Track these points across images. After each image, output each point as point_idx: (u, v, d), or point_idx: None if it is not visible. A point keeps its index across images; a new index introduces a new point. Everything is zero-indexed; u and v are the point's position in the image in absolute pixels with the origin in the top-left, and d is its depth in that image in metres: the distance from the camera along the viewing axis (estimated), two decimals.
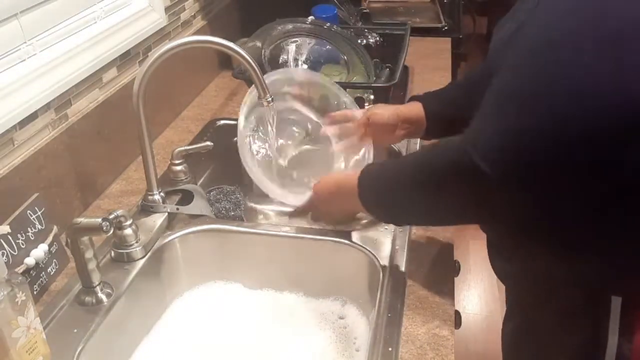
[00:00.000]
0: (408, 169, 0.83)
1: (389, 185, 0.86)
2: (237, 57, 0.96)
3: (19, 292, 0.70)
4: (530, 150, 0.65)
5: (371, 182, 0.88)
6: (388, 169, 0.88)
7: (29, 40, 0.97)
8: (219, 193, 1.23)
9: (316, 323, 1.01)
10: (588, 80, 0.62)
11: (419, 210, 0.85)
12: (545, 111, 0.64)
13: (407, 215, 0.88)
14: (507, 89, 0.69)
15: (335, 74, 1.39)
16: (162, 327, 1.00)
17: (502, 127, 0.67)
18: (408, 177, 0.82)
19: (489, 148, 0.68)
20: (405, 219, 0.93)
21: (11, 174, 0.91)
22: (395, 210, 0.87)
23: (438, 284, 0.92)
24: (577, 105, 0.62)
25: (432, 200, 0.79)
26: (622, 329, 0.76)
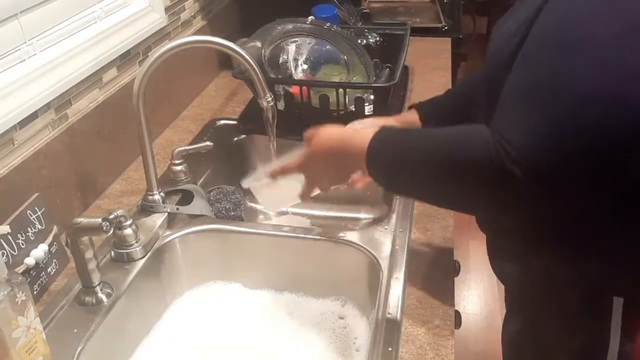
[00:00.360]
0: (429, 148, 0.77)
1: (403, 159, 0.79)
2: (237, 57, 0.96)
3: (19, 292, 0.70)
4: (570, 155, 0.63)
5: (385, 150, 0.81)
6: (405, 140, 0.81)
7: (29, 40, 0.97)
8: (219, 193, 1.23)
9: (316, 323, 1.01)
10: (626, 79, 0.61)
11: (430, 193, 0.79)
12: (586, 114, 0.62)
13: (416, 193, 0.83)
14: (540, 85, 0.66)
15: (335, 74, 1.39)
16: (162, 327, 1.00)
17: (542, 130, 0.64)
18: (427, 157, 0.76)
19: (525, 150, 0.64)
20: (411, 195, 0.90)
21: (11, 174, 0.91)
22: (404, 185, 0.81)
23: (438, 284, 0.92)
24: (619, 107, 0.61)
25: (448, 188, 0.75)
26: (624, 330, 0.76)
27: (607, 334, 0.77)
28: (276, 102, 1.14)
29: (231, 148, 1.38)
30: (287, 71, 1.37)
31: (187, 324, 1.02)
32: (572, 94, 0.63)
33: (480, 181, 0.69)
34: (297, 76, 1.37)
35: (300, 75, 1.37)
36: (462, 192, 0.73)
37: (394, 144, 0.81)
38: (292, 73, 1.37)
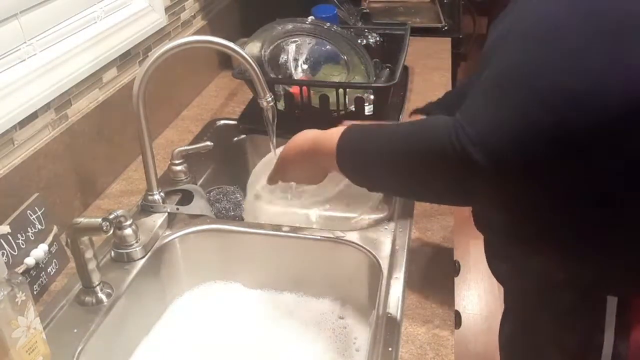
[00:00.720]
0: (392, 140, 0.78)
1: (370, 153, 0.81)
2: (237, 57, 0.96)
3: (19, 292, 0.70)
4: (532, 142, 0.63)
5: (352, 146, 0.83)
6: (373, 136, 0.82)
7: (29, 40, 0.97)
8: (219, 193, 1.23)
9: (316, 323, 1.01)
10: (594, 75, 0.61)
11: (399, 185, 0.81)
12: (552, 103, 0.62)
13: (386, 186, 0.85)
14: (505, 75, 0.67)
15: (335, 74, 1.39)
16: (162, 327, 1.00)
17: (503, 114, 0.65)
18: (393, 149, 0.77)
19: (484, 135, 0.65)
20: (383, 189, 0.90)
21: (11, 174, 0.91)
22: (374, 180, 0.83)
23: (438, 284, 0.92)
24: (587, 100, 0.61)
25: (414, 178, 0.77)
26: (618, 329, 0.76)
27: (601, 333, 0.77)
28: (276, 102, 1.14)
29: (231, 148, 1.38)
30: (287, 71, 1.37)
31: (187, 324, 1.02)
32: (536, 83, 0.63)
33: (444, 168, 0.70)
34: (297, 76, 1.37)
35: (300, 75, 1.37)
36: (428, 181, 0.75)
37: (361, 140, 0.83)
38: (292, 73, 1.37)
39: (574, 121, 0.62)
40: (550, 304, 0.83)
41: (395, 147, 0.77)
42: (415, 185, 0.78)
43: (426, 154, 0.72)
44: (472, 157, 0.65)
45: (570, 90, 0.62)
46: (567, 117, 0.62)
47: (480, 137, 0.65)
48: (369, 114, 1.33)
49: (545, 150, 0.63)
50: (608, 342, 0.77)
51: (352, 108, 1.31)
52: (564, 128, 0.62)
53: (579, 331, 0.80)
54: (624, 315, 0.76)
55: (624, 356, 0.76)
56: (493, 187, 0.68)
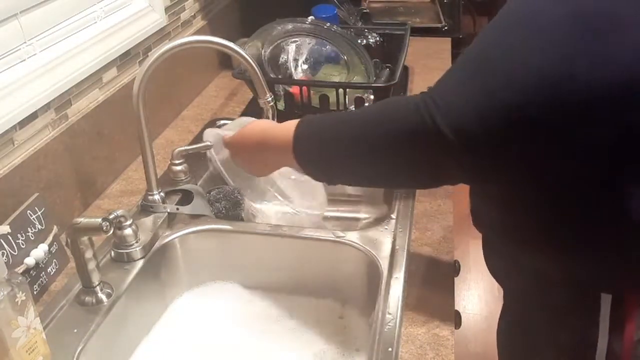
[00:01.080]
0: (355, 126, 0.76)
1: (330, 142, 0.77)
2: (237, 57, 0.96)
3: (19, 292, 0.70)
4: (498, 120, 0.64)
5: (310, 136, 0.79)
6: (332, 122, 0.79)
7: (29, 40, 0.97)
8: (219, 193, 1.23)
9: (316, 323, 1.01)
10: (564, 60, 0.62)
11: (364, 170, 0.78)
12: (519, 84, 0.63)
13: (348, 175, 0.81)
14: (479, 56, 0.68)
15: (335, 74, 1.39)
16: (162, 327, 1.00)
17: (471, 91, 0.65)
18: (354, 134, 0.75)
19: (453, 110, 0.65)
20: (345, 179, 0.85)
21: (11, 174, 0.91)
22: (335, 169, 0.80)
23: (438, 284, 0.92)
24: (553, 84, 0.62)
25: (381, 160, 0.74)
26: (612, 326, 0.76)
27: (596, 330, 0.77)
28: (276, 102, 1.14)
29: None
30: (287, 71, 1.37)
31: (187, 324, 1.02)
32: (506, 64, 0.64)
33: (414, 144, 0.69)
34: (297, 76, 1.37)
35: (300, 75, 1.37)
36: (397, 162, 0.73)
37: (320, 127, 0.80)
38: (292, 73, 1.37)
39: (539, 102, 0.62)
40: (545, 301, 0.83)
41: (359, 130, 0.75)
42: (382, 167, 0.75)
43: (393, 132, 0.71)
44: (442, 132, 0.65)
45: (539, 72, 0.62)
46: (532, 98, 0.62)
47: (449, 112, 0.65)
48: None
49: (509, 129, 0.64)
50: (602, 339, 0.77)
51: (352, 108, 1.31)
52: (529, 108, 0.63)
53: (574, 328, 0.80)
54: (618, 312, 0.76)
55: (618, 353, 0.77)
56: (462, 164, 0.68)
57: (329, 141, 0.78)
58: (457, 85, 0.68)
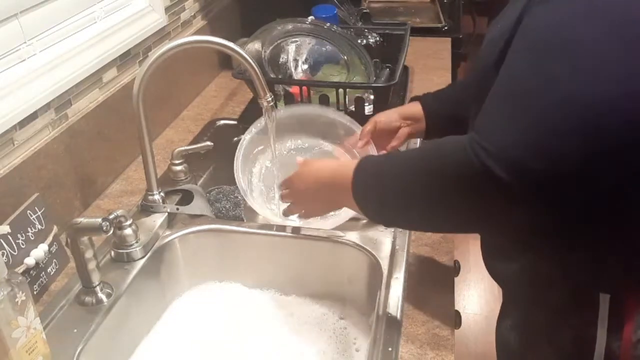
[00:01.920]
0: (410, 168, 0.75)
1: (386, 184, 0.78)
2: (237, 57, 0.96)
3: (19, 292, 0.70)
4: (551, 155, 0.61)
5: (367, 177, 0.81)
6: (388, 164, 0.80)
7: (29, 40, 0.97)
8: (219, 193, 1.23)
9: (316, 323, 1.01)
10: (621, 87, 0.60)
11: (417, 215, 0.77)
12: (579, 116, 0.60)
13: (403, 218, 0.80)
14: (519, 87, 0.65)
15: (335, 74, 1.39)
16: (162, 326, 1.00)
17: (520, 126, 0.62)
18: (409, 176, 0.74)
19: (503, 148, 0.62)
20: (400, 222, 0.84)
21: (11, 174, 0.91)
22: (391, 212, 0.80)
23: (438, 284, 0.92)
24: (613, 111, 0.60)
25: (433, 202, 0.72)
26: (611, 326, 0.76)
27: (594, 330, 0.77)
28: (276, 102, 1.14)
29: (231, 148, 1.38)
30: (287, 71, 1.37)
31: (187, 323, 1.02)
32: (555, 95, 0.62)
33: (461, 187, 0.67)
34: (297, 76, 1.37)
35: (300, 75, 1.37)
36: (448, 204, 0.71)
37: (376, 168, 0.80)
38: (292, 73, 1.37)
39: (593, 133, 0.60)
40: (544, 301, 0.83)
41: (409, 174, 0.74)
42: (435, 211, 0.74)
43: (440, 175, 0.69)
44: (494, 174, 0.62)
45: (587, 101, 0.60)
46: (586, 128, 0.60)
47: (499, 151, 0.62)
48: (369, 114, 1.33)
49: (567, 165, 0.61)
50: (601, 339, 0.77)
51: (352, 108, 1.31)
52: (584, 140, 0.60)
53: (573, 328, 0.80)
54: (616, 312, 0.76)
55: (616, 353, 0.77)
56: (520, 204, 0.65)
57: (382, 179, 0.78)
58: (500, 123, 0.65)
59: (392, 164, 0.79)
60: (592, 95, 0.60)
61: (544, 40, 0.65)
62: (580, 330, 0.79)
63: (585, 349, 0.78)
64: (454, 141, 0.69)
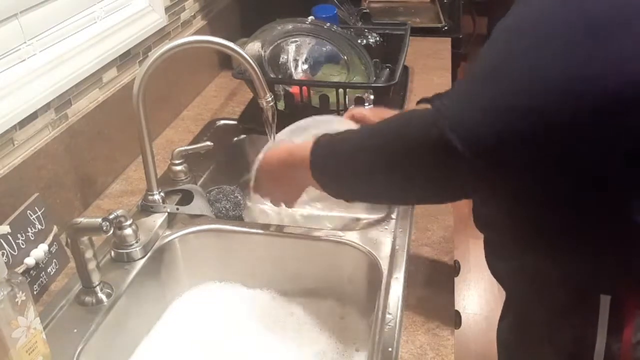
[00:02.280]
0: (369, 140, 0.76)
1: (346, 158, 0.78)
2: (237, 57, 0.96)
3: (19, 292, 0.70)
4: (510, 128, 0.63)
5: (326, 153, 0.81)
6: (346, 139, 0.80)
7: (29, 40, 0.97)
8: (219, 193, 1.23)
9: (316, 323, 1.01)
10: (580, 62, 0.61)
11: (379, 185, 0.78)
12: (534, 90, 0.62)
13: (364, 190, 0.81)
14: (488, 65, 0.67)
15: (335, 74, 1.39)
16: (162, 327, 1.00)
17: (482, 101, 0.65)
18: (369, 149, 0.75)
19: (463, 121, 0.65)
20: (361, 195, 0.85)
21: (11, 174, 0.91)
22: (352, 185, 0.80)
23: (438, 284, 0.92)
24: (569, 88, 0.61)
25: (395, 174, 0.74)
26: (611, 327, 0.76)
27: (594, 332, 0.77)
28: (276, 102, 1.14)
29: (231, 148, 1.38)
30: (287, 71, 1.37)
31: (187, 323, 1.02)
32: (517, 74, 0.63)
33: (425, 157, 0.69)
34: (297, 76, 1.37)
35: (300, 75, 1.37)
36: (411, 176, 0.73)
37: (334, 147, 0.81)
38: (292, 73, 1.37)
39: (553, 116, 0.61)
40: (545, 301, 0.83)
41: (371, 143, 0.75)
42: (397, 182, 0.75)
43: (406, 145, 0.71)
44: (451, 144, 0.64)
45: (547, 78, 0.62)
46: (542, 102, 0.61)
47: (458, 122, 0.65)
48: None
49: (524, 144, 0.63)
50: (601, 340, 0.77)
51: None
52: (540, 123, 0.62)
53: (573, 329, 0.80)
54: (617, 314, 0.76)
55: (616, 354, 0.76)
56: (472, 174, 0.67)
57: (342, 154, 0.79)
58: (465, 95, 0.68)
59: (351, 141, 0.80)
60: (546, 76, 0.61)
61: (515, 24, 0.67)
62: (580, 331, 0.79)
63: (585, 350, 0.78)
64: (418, 112, 0.70)
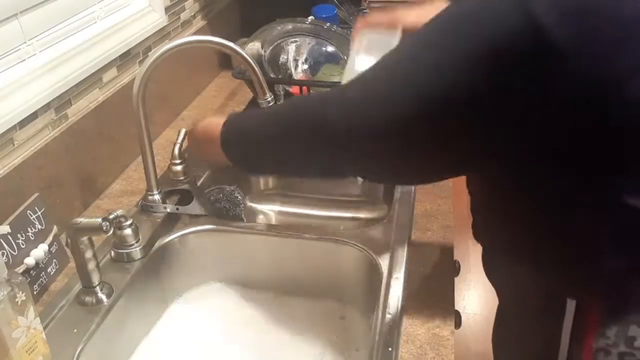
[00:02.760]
0: (270, 119, 0.82)
1: (250, 136, 0.84)
2: (237, 57, 0.96)
3: (19, 292, 0.70)
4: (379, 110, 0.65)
5: (233, 132, 0.86)
6: (251, 118, 0.86)
7: (29, 40, 0.97)
8: (219, 193, 1.23)
9: (316, 323, 1.01)
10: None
11: (281, 164, 0.83)
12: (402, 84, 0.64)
13: (268, 167, 0.88)
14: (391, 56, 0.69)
15: (335, 74, 1.39)
16: (162, 327, 1.00)
17: (362, 87, 0.68)
18: (269, 127, 0.81)
19: (340, 101, 0.69)
20: (266, 171, 0.94)
21: (11, 174, 0.91)
22: (257, 160, 0.86)
23: (438, 284, 0.92)
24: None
25: (292, 153, 0.78)
26: (574, 332, 0.77)
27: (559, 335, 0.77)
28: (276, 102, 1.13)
29: None
30: (287, 71, 1.37)
31: (187, 324, 1.02)
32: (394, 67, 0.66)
33: (308, 136, 0.73)
34: (297, 76, 1.37)
35: (300, 75, 1.37)
36: (301, 150, 0.76)
37: (241, 124, 0.86)
38: (292, 73, 1.37)
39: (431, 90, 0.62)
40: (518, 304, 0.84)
41: (273, 122, 0.80)
42: (295, 160, 0.79)
43: (298, 126, 0.75)
44: (330, 122, 0.68)
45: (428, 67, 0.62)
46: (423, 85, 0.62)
47: (335, 104, 0.69)
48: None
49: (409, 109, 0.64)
50: (564, 344, 0.78)
51: None
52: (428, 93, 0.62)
53: (540, 332, 0.81)
54: (580, 319, 0.76)
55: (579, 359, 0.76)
56: (350, 151, 0.70)
57: (246, 138, 0.84)
58: (360, 78, 0.70)
59: (255, 120, 0.85)
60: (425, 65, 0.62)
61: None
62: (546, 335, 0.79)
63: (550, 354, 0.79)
64: (315, 95, 0.76)
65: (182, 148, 1.13)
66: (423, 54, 0.63)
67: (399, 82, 0.64)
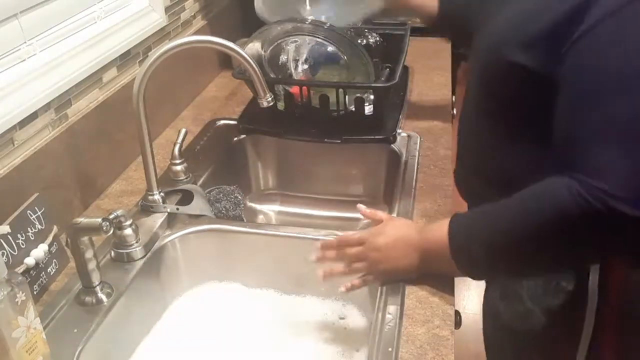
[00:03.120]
0: (513, 223, 0.76)
1: (494, 246, 0.78)
2: (237, 57, 0.96)
3: (19, 292, 0.70)
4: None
5: (469, 245, 0.81)
6: (483, 215, 0.81)
7: (29, 40, 0.97)
8: (219, 193, 1.23)
9: (316, 323, 1.01)
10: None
11: (528, 262, 0.78)
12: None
13: (513, 268, 0.82)
14: (626, 125, 0.67)
15: (335, 74, 1.39)
16: (162, 327, 1.00)
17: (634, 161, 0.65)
18: (517, 232, 0.75)
19: (627, 184, 0.65)
20: (509, 273, 0.86)
21: (11, 174, 0.91)
22: (506, 268, 0.82)
23: (438, 284, 0.91)
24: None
25: (551, 250, 0.74)
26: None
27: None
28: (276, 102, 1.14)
29: (231, 148, 1.38)
30: (287, 71, 1.37)
31: (187, 323, 1.02)
32: None
33: (584, 229, 0.69)
34: (297, 76, 1.37)
35: (300, 75, 1.37)
36: (567, 248, 0.73)
37: (473, 222, 0.82)
38: (292, 73, 1.37)
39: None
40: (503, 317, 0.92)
41: (519, 228, 0.75)
42: (554, 257, 0.76)
43: (558, 222, 0.71)
44: (617, 211, 0.65)
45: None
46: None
47: (622, 190, 0.65)
48: (369, 114, 1.33)
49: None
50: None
51: (352, 108, 1.31)
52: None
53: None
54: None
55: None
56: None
57: (482, 233, 0.80)
58: (615, 159, 0.67)
59: (489, 217, 0.80)
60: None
61: (630, 70, 0.66)
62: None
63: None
64: (558, 187, 0.70)
65: (182, 148, 1.13)
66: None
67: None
